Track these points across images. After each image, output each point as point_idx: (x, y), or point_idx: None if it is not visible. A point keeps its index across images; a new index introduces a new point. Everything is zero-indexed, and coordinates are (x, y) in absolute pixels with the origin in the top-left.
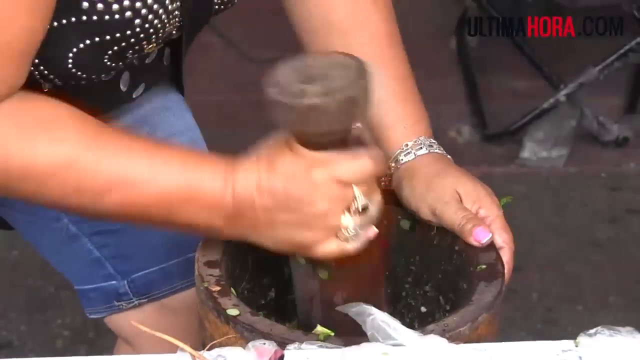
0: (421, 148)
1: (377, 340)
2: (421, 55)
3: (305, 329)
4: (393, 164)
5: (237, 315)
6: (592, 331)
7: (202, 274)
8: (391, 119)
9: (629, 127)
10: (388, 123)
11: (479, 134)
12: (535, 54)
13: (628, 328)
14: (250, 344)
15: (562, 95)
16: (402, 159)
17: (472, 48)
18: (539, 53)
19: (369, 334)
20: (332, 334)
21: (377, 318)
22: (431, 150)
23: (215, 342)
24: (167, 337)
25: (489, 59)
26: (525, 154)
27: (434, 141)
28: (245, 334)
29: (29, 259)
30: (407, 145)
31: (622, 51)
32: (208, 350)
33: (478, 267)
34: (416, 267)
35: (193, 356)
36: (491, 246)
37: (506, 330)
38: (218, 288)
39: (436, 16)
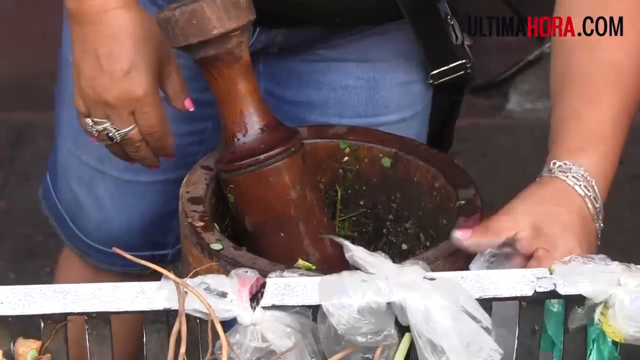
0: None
1: None
2: None
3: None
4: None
5: (220, 250)
6: (566, 259)
7: (186, 209)
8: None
9: None
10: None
11: None
12: (521, 6)
13: (601, 255)
14: (232, 272)
15: (547, 47)
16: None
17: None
18: (525, 5)
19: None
20: (313, 267)
21: (355, 255)
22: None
23: (198, 269)
24: (152, 265)
25: (475, 11)
26: (511, 105)
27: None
28: (228, 268)
29: (18, 208)
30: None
31: None
32: (191, 277)
33: (457, 203)
34: (397, 205)
35: (177, 283)
36: (469, 182)
37: None
38: (202, 223)
39: None
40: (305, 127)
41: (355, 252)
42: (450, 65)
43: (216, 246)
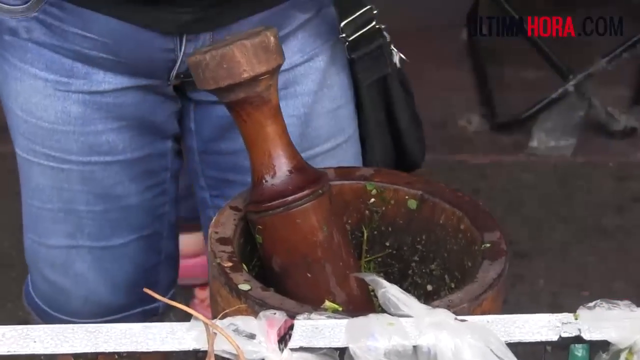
0: None
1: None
2: (434, 46)
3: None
4: None
5: (249, 290)
6: (591, 304)
7: (215, 250)
8: None
9: (636, 118)
10: None
11: (488, 123)
12: (544, 44)
13: (626, 301)
14: (261, 314)
15: (570, 85)
16: None
17: (483, 39)
18: (548, 43)
19: (380, 301)
20: (340, 308)
21: (389, 291)
22: None
23: (227, 311)
24: (179, 305)
25: (498, 49)
26: (534, 143)
27: None
28: (256, 308)
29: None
30: None
31: (630, 42)
32: (220, 319)
33: (482, 246)
34: (423, 246)
35: (206, 325)
36: (494, 225)
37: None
38: (230, 264)
39: (449, 8)
40: (332, 169)
41: (389, 289)
42: (359, 13)
43: (244, 287)
